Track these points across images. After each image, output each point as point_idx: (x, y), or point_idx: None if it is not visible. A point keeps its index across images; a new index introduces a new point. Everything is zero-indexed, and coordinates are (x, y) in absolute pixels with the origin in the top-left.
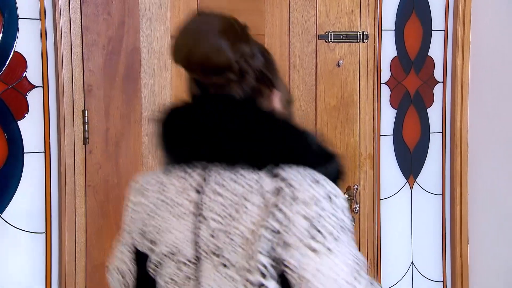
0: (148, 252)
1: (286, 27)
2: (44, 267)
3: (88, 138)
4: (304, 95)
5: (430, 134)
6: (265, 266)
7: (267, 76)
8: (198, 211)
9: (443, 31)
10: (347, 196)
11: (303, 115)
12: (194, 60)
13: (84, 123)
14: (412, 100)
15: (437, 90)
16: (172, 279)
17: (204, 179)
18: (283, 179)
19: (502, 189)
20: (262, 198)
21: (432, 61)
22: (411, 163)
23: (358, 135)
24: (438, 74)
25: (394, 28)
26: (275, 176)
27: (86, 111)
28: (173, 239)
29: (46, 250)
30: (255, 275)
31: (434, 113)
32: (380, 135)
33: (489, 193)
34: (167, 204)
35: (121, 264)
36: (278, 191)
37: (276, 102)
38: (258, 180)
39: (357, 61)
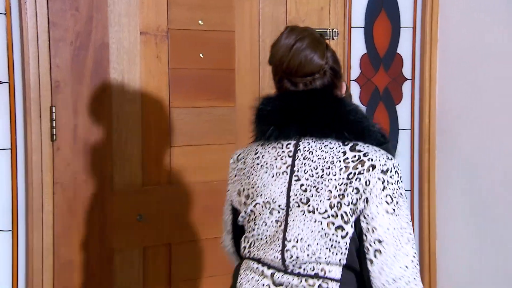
0: (241, 207)
1: (256, 23)
2: (11, 265)
3: (55, 134)
4: (274, 91)
5: (399, 130)
6: (347, 214)
7: (337, 71)
8: (291, 171)
9: (412, 29)
10: None
11: None
12: (292, 68)
13: (51, 119)
14: (381, 97)
15: (406, 87)
16: (264, 222)
17: (297, 149)
18: (361, 152)
19: (470, 185)
20: (344, 164)
21: (400, 58)
22: None
23: None
24: (406, 71)
25: (363, 26)
26: (354, 149)
27: (54, 108)
28: (269, 192)
29: (13, 248)
30: (338, 220)
31: (403, 110)
32: None
33: (457, 189)
34: (263, 167)
35: (224, 216)
36: (358, 161)
37: (343, 90)
38: (341, 151)
39: None
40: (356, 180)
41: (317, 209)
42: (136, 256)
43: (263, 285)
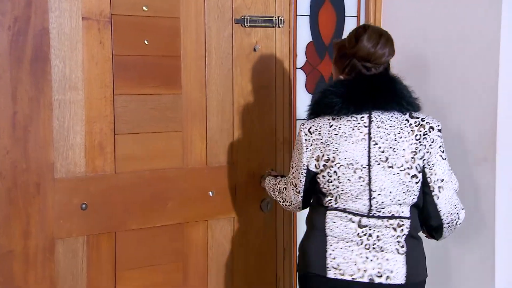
0: (318, 169)
1: (202, 10)
2: None
3: None
4: (221, 80)
5: None
6: (419, 165)
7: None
8: (369, 138)
9: (356, 17)
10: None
11: (220, 100)
12: (375, 59)
13: None
14: None
15: None
16: (348, 180)
17: (370, 120)
18: (418, 118)
19: None
20: (410, 129)
21: None
22: None
23: (275, 119)
24: None
25: (308, 14)
26: (413, 116)
27: None
28: (351, 155)
29: None
30: (413, 170)
31: None
32: (296, 120)
33: None
34: (342, 137)
35: (294, 180)
36: (420, 125)
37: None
38: (404, 119)
39: (273, 46)
40: (424, 139)
41: (395, 164)
42: (80, 245)
43: (351, 228)
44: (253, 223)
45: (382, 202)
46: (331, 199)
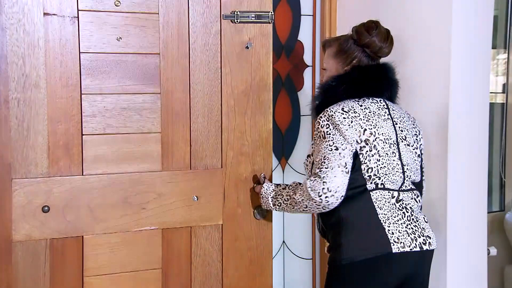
0: (360, 144)
1: (185, 6)
2: None
3: None
4: (207, 79)
5: (301, 116)
6: (419, 148)
7: None
8: (391, 117)
9: (312, 16)
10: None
11: (206, 100)
12: (383, 52)
13: None
14: (283, 84)
15: (307, 74)
16: (386, 153)
17: (387, 103)
18: (403, 108)
19: None
20: (407, 114)
21: (301, 45)
22: (283, 145)
23: (273, 121)
24: (307, 58)
25: None
26: (401, 107)
27: None
28: (386, 131)
29: None
30: (418, 151)
31: (304, 97)
32: None
33: None
34: (374, 114)
35: (343, 159)
36: (408, 114)
37: None
38: (399, 106)
39: (269, 43)
40: (417, 126)
41: (410, 143)
42: (42, 248)
43: (393, 204)
44: (244, 230)
45: (410, 176)
46: (370, 175)
